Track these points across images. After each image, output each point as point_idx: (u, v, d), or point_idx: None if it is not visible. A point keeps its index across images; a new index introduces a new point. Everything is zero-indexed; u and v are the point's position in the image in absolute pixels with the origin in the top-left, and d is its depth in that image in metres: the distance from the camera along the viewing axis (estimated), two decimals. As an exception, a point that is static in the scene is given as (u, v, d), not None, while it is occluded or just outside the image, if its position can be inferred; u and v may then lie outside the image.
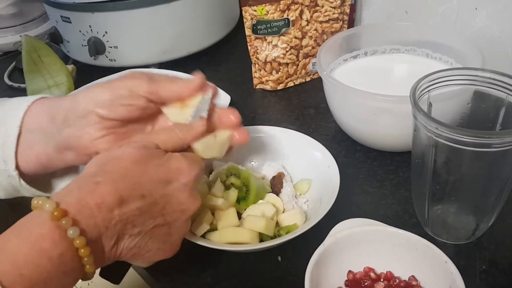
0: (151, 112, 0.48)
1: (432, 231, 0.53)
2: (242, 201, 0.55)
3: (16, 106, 0.48)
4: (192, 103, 0.47)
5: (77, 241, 0.35)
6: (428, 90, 0.50)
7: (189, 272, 0.53)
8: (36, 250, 0.33)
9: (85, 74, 0.88)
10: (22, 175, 0.49)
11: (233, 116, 0.49)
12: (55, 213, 0.34)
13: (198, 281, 0.51)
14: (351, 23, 0.85)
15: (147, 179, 0.39)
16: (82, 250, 0.35)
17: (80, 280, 0.37)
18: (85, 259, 0.36)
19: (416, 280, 0.46)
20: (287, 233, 0.51)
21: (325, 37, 0.80)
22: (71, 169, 0.52)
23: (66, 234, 0.34)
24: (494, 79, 0.49)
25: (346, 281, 0.47)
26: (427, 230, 0.54)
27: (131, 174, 0.39)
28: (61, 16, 0.86)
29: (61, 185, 0.53)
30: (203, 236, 0.52)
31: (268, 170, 0.60)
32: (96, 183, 0.37)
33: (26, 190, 0.50)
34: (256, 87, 0.84)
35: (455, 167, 0.47)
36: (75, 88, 0.85)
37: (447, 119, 0.47)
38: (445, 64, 0.69)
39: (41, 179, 0.52)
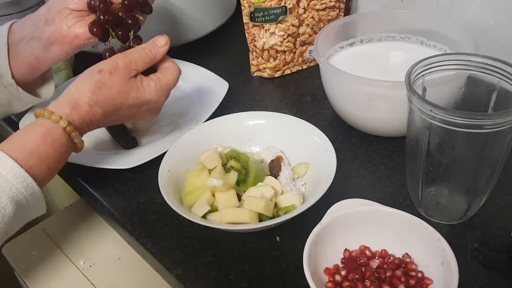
0: None
1: (425, 211, 0.55)
2: (241, 184, 0.56)
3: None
4: None
5: (78, 144, 0.55)
6: (423, 75, 0.51)
7: (190, 251, 0.54)
8: (45, 141, 0.51)
9: (83, 62, 0.88)
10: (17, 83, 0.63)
11: None
12: (67, 128, 0.53)
13: (199, 260, 0.53)
14: (347, 11, 0.86)
15: (125, 106, 0.58)
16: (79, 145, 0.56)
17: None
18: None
19: (410, 257, 0.48)
20: (285, 213, 0.53)
21: (322, 25, 0.81)
22: (48, 76, 0.70)
23: (70, 138, 0.54)
24: (486, 64, 0.50)
25: (342, 258, 0.49)
26: (421, 211, 0.56)
27: (115, 102, 0.56)
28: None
29: (43, 90, 0.70)
30: (204, 216, 0.54)
31: (266, 154, 0.62)
32: (90, 105, 0.55)
33: (21, 97, 0.65)
34: (254, 75, 0.85)
35: (448, 149, 0.49)
36: (74, 75, 0.86)
37: (441, 103, 0.49)
38: (439, 51, 0.70)
39: (30, 87, 0.67)
